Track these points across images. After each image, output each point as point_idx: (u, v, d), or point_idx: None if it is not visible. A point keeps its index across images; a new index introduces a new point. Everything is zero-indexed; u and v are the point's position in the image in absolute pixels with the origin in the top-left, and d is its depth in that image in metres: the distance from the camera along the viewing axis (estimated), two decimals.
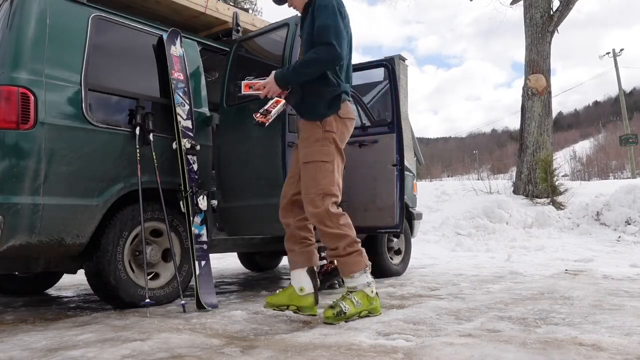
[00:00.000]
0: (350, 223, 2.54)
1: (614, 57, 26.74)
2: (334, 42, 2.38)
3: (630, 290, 3.59)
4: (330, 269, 3.84)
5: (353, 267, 2.52)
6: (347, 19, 2.52)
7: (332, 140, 2.48)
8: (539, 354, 1.84)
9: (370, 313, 2.53)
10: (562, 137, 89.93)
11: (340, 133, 2.52)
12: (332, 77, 2.50)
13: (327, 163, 2.48)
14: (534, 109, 10.55)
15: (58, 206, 2.56)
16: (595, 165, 72.27)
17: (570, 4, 10.72)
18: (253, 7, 21.79)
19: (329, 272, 3.81)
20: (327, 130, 2.48)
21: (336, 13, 2.44)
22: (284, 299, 2.55)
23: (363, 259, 2.55)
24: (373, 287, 2.55)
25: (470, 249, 7.35)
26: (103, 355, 1.85)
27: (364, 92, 4.59)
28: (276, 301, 2.57)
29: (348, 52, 2.56)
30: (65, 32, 2.74)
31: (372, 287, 2.55)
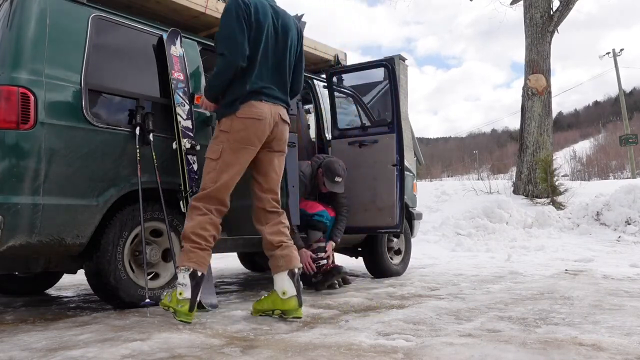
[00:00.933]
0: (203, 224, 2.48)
1: (614, 57, 26.75)
2: (224, 52, 2.50)
3: (630, 290, 3.59)
4: (329, 268, 3.84)
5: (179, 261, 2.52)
6: (254, 16, 2.55)
7: (222, 140, 2.55)
8: (539, 354, 1.84)
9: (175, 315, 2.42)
10: (562, 137, 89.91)
11: (237, 132, 2.53)
12: (237, 81, 2.56)
13: (213, 161, 2.56)
14: (534, 109, 10.55)
15: (58, 206, 2.55)
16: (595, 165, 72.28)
17: (570, 4, 10.72)
18: None
19: (328, 271, 3.81)
20: (220, 129, 2.59)
21: (231, 18, 2.51)
22: (268, 304, 2.58)
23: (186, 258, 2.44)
24: (183, 291, 2.39)
25: (470, 249, 7.35)
26: (103, 355, 1.85)
27: (364, 92, 4.59)
28: (261, 307, 2.61)
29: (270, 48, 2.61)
30: (65, 32, 2.73)
31: (182, 290, 2.39)
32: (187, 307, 2.38)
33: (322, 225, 3.86)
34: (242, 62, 2.51)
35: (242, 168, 2.60)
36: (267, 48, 2.62)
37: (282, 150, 2.73)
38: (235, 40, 2.49)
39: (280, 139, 2.69)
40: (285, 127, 2.70)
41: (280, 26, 2.67)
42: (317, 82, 4.63)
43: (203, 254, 2.47)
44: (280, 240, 2.62)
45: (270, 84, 2.63)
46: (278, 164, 2.72)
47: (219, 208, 2.56)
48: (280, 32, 2.67)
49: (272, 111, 2.60)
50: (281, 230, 2.65)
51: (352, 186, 4.10)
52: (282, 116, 2.66)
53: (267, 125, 2.58)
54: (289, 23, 2.72)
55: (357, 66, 4.57)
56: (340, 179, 3.86)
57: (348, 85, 4.66)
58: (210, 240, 2.51)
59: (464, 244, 7.56)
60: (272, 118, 2.60)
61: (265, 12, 2.61)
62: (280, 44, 2.67)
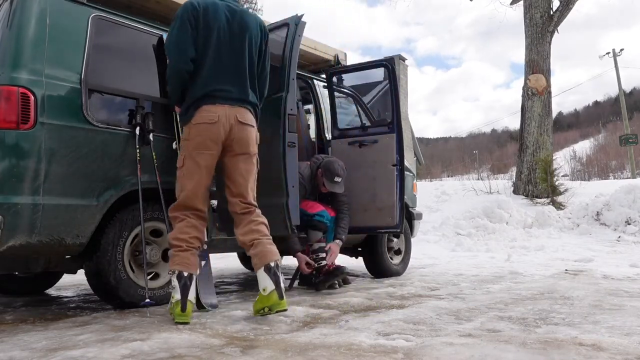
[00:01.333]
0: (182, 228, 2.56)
1: (614, 57, 26.76)
2: (169, 59, 2.60)
3: (630, 290, 3.59)
4: (332, 269, 3.84)
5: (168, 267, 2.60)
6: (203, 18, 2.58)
7: (184, 148, 2.63)
8: (539, 354, 1.84)
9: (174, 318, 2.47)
10: (562, 137, 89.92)
11: (193, 139, 2.58)
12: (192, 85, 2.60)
13: (178, 169, 2.65)
14: (534, 109, 10.54)
15: (58, 206, 2.55)
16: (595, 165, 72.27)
17: (570, 4, 10.72)
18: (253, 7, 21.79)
19: (331, 272, 3.81)
20: (182, 138, 2.67)
21: (177, 23, 2.57)
22: (258, 303, 2.58)
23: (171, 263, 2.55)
24: (174, 293, 2.48)
25: (470, 249, 7.35)
26: (103, 355, 1.85)
27: (364, 92, 4.59)
28: (255, 308, 2.61)
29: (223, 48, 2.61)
30: (65, 32, 2.73)
31: (174, 293, 2.49)
32: (179, 307, 2.43)
33: (323, 225, 3.86)
34: (185, 66, 2.56)
35: (206, 173, 2.61)
36: (220, 49, 2.61)
37: (246, 153, 2.67)
38: (178, 46, 2.56)
39: (240, 141, 2.63)
40: (244, 128, 2.64)
41: (237, 25, 2.66)
42: (317, 82, 4.63)
43: (186, 254, 2.52)
44: (251, 239, 2.61)
45: (226, 85, 2.62)
46: (245, 167, 2.67)
47: (195, 213, 2.62)
48: (236, 31, 2.65)
49: (227, 113, 2.59)
50: (252, 228, 2.63)
51: (352, 186, 4.10)
52: (238, 118, 2.62)
53: (220, 128, 2.57)
54: (248, 21, 2.70)
55: (357, 66, 4.57)
56: (339, 179, 3.86)
57: (348, 85, 4.66)
58: (192, 241, 2.56)
59: (464, 244, 7.56)
60: (227, 120, 2.58)
61: (216, 12, 2.61)
62: (236, 43, 2.65)
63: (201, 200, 2.63)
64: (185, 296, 2.45)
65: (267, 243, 2.61)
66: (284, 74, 3.23)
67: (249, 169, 2.70)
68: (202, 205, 2.64)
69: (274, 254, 2.58)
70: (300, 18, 3.33)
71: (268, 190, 3.23)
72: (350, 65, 4.73)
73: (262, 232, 2.63)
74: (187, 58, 2.56)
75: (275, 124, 3.19)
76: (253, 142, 2.71)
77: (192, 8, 2.58)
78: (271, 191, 3.20)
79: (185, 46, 2.56)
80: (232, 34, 2.65)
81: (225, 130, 2.59)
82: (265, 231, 2.65)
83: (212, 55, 2.61)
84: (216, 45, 2.61)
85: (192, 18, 2.57)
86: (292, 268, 6.02)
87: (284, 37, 3.35)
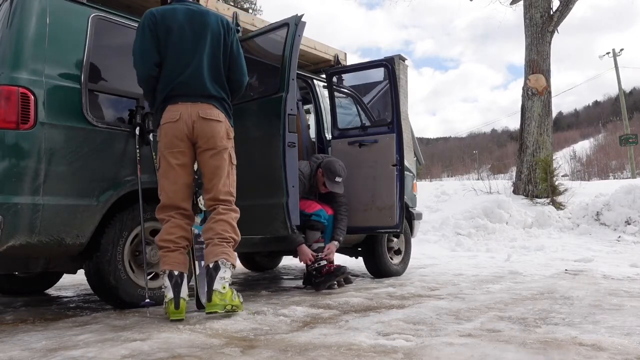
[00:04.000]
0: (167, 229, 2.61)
1: (614, 57, 26.77)
2: (135, 67, 2.66)
3: (630, 290, 3.59)
4: (332, 269, 3.84)
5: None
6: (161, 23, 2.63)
7: (158, 150, 2.69)
8: (539, 354, 1.84)
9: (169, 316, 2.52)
10: (562, 137, 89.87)
11: (162, 140, 2.65)
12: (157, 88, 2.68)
13: (157, 171, 2.73)
14: (534, 109, 10.54)
15: (58, 206, 2.55)
16: (595, 165, 72.23)
17: (570, 4, 10.72)
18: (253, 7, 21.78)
19: (332, 272, 3.81)
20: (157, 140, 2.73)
21: (138, 33, 2.66)
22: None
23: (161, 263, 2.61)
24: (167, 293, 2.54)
25: (470, 249, 7.35)
26: (103, 355, 1.85)
27: (364, 92, 4.59)
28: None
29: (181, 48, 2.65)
30: (65, 31, 2.74)
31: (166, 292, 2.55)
32: (173, 305, 2.48)
33: (320, 225, 3.87)
34: (151, 72, 2.65)
35: (181, 172, 2.64)
36: (179, 49, 2.65)
37: (213, 148, 2.65)
38: (142, 54, 2.63)
39: (204, 136, 2.63)
40: (207, 124, 2.63)
41: (197, 24, 2.68)
42: (317, 82, 4.63)
43: (174, 254, 2.58)
44: (206, 237, 2.64)
45: (189, 80, 2.64)
46: (213, 162, 2.66)
47: (179, 212, 2.64)
48: (197, 30, 2.67)
49: (188, 110, 2.62)
50: (210, 226, 2.64)
51: (352, 186, 4.10)
52: (200, 114, 2.62)
53: (183, 125, 2.60)
54: (208, 21, 2.71)
55: (357, 66, 4.57)
56: (340, 179, 3.87)
57: (348, 85, 4.66)
58: (179, 241, 2.60)
59: (463, 244, 7.56)
60: (188, 117, 2.61)
61: (174, 15, 2.67)
62: (196, 42, 2.67)
63: (182, 198, 2.66)
64: (178, 294, 2.49)
65: (214, 243, 2.59)
66: (284, 74, 3.23)
67: (217, 165, 2.68)
68: (184, 203, 2.66)
69: (215, 254, 2.56)
70: (300, 18, 3.33)
71: (268, 190, 3.23)
72: (350, 65, 4.73)
73: (215, 231, 2.61)
74: (152, 64, 2.63)
75: (275, 124, 3.20)
76: (220, 137, 2.67)
77: (151, 15, 2.67)
78: (271, 191, 3.20)
79: (148, 53, 2.63)
80: (192, 32, 2.67)
81: (188, 127, 2.61)
82: (218, 229, 2.62)
83: (172, 56, 2.65)
84: (175, 46, 2.65)
85: (152, 24, 2.64)
86: (292, 268, 6.02)
87: (284, 37, 3.35)
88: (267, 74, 3.55)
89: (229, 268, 2.56)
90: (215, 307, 2.48)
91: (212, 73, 2.70)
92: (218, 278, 2.50)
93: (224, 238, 2.60)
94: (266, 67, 3.55)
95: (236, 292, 2.66)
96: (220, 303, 2.49)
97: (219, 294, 2.49)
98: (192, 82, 2.65)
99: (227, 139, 2.73)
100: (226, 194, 2.70)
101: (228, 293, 2.54)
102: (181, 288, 2.52)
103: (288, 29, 3.34)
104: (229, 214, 2.68)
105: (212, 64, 2.70)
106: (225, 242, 2.60)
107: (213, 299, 2.48)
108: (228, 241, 2.62)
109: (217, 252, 2.56)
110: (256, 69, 3.68)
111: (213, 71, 2.71)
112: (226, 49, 2.77)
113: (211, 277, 2.51)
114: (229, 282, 2.57)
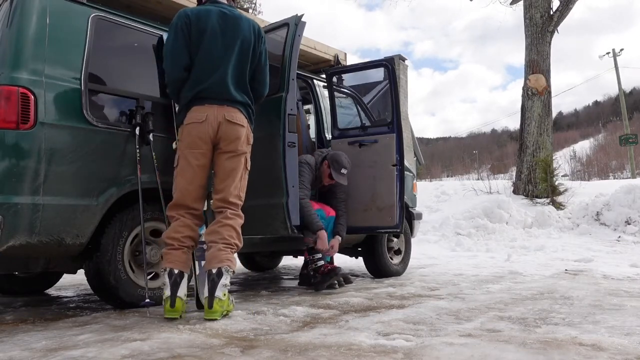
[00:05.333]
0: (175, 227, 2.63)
1: (614, 57, 26.78)
2: (165, 69, 2.73)
3: (630, 290, 3.59)
4: (327, 269, 3.84)
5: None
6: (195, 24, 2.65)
7: (179, 148, 2.72)
8: (539, 354, 1.84)
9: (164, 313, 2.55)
10: (562, 137, 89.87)
11: (185, 139, 2.68)
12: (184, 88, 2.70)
13: (174, 169, 2.75)
14: (534, 109, 10.54)
15: (58, 206, 2.55)
16: (595, 165, 72.22)
17: (570, 4, 10.72)
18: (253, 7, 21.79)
19: (327, 272, 3.80)
20: (178, 140, 2.77)
21: (171, 33, 2.69)
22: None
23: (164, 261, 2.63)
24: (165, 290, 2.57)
25: (470, 249, 7.35)
26: (103, 355, 1.85)
27: (364, 92, 4.59)
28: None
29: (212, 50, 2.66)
30: (65, 31, 2.73)
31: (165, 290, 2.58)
32: (169, 303, 2.50)
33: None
34: (180, 74, 2.67)
35: (198, 172, 2.65)
36: (210, 51, 2.66)
37: (233, 151, 2.68)
38: (172, 55, 2.66)
39: (227, 139, 2.65)
40: (232, 127, 2.65)
41: (229, 29, 2.70)
42: (317, 82, 4.63)
43: (177, 253, 2.59)
44: (210, 240, 2.64)
45: (214, 85, 2.65)
46: (229, 165, 2.68)
47: (189, 212, 2.66)
48: (228, 34, 2.69)
49: (215, 113, 2.63)
50: (215, 229, 2.64)
51: (352, 186, 4.10)
52: (226, 116, 2.64)
53: (209, 127, 2.62)
54: (241, 25, 2.73)
55: (357, 66, 4.56)
56: (345, 170, 3.96)
57: (348, 85, 4.65)
58: (184, 240, 2.61)
59: (463, 244, 7.55)
60: (214, 119, 2.62)
61: (208, 17, 2.68)
62: (226, 46, 2.68)
63: (194, 198, 2.67)
64: (175, 292, 2.51)
65: (218, 248, 2.59)
66: (284, 74, 3.23)
67: (233, 167, 2.69)
68: (196, 203, 2.68)
69: (220, 260, 2.55)
70: (300, 18, 3.33)
71: (268, 190, 3.23)
72: (350, 65, 4.73)
73: (221, 235, 2.61)
74: (181, 67, 2.66)
75: (275, 124, 3.20)
76: (241, 141, 2.70)
77: (185, 16, 2.67)
78: (271, 191, 3.20)
79: (179, 56, 2.65)
80: (223, 37, 2.68)
81: (213, 129, 2.62)
82: (225, 234, 2.62)
83: (203, 57, 2.66)
84: (206, 48, 2.66)
85: (185, 25, 2.65)
86: (292, 268, 6.02)
87: (283, 37, 3.35)
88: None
89: (230, 274, 2.58)
90: (214, 314, 2.49)
91: (236, 81, 2.72)
92: (220, 285, 2.51)
93: (229, 244, 2.61)
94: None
95: (232, 298, 2.70)
96: (220, 310, 2.51)
97: (219, 301, 2.50)
98: (217, 88, 2.67)
99: (247, 144, 2.76)
100: (236, 197, 2.71)
101: (227, 299, 2.56)
102: (179, 287, 2.53)
103: (288, 29, 3.34)
104: (236, 220, 2.69)
105: (237, 73, 2.72)
106: (230, 248, 2.61)
107: (214, 307, 2.48)
108: (232, 247, 2.63)
109: (222, 257, 2.56)
110: None
111: (237, 79, 2.73)
112: (254, 57, 2.80)
113: (214, 283, 2.51)
114: (228, 288, 2.59)
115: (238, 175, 2.71)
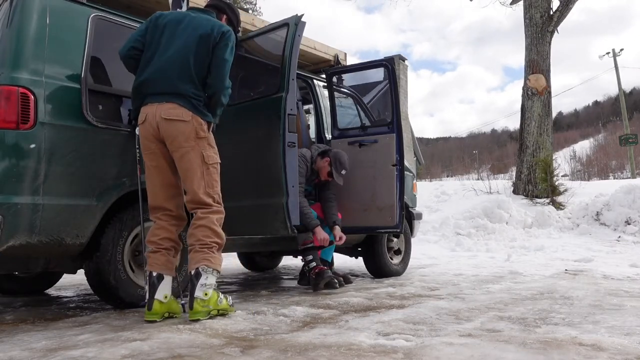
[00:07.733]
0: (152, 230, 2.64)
1: (614, 58, 26.79)
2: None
3: (630, 290, 3.59)
4: (316, 272, 3.82)
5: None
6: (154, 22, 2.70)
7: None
8: (539, 354, 1.84)
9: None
10: (562, 137, 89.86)
11: (140, 142, 2.68)
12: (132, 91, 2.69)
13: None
14: (534, 109, 10.54)
15: (58, 206, 2.55)
16: (595, 165, 72.16)
17: (570, 4, 10.72)
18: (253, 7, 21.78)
19: (318, 273, 3.79)
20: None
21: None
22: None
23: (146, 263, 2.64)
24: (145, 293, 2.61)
25: (470, 249, 7.35)
26: (103, 355, 1.85)
27: (364, 92, 4.59)
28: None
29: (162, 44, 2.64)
30: (65, 31, 2.73)
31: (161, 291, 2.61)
32: (147, 306, 2.51)
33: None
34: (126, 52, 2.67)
35: (155, 173, 2.64)
36: (160, 45, 2.65)
37: (178, 149, 2.58)
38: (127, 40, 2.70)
39: (169, 137, 2.57)
40: (170, 124, 2.55)
41: (185, 24, 2.67)
42: (317, 82, 4.63)
43: (155, 255, 2.59)
44: (189, 243, 2.62)
45: (151, 75, 2.60)
46: (182, 164, 2.60)
47: (165, 213, 2.65)
48: (180, 28, 2.66)
49: (153, 112, 2.58)
50: (191, 232, 2.61)
51: (352, 186, 4.11)
52: (162, 115, 2.55)
53: (149, 127, 2.59)
54: (200, 22, 2.68)
55: (357, 66, 4.57)
56: (345, 172, 3.98)
57: (348, 85, 4.66)
58: (162, 242, 2.61)
59: (463, 244, 7.55)
60: (153, 119, 2.58)
61: (169, 15, 2.71)
62: (173, 37, 2.64)
63: (164, 198, 2.65)
64: (152, 295, 2.52)
65: (195, 250, 2.58)
66: (284, 74, 3.23)
67: (187, 167, 2.59)
68: (167, 203, 2.65)
69: (197, 261, 2.55)
70: (300, 18, 3.33)
71: (268, 190, 3.23)
72: (350, 65, 4.73)
73: (196, 237, 2.59)
74: (129, 46, 2.66)
75: (275, 124, 3.20)
76: (185, 137, 2.57)
77: (155, 15, 2.74)
78: (271, 191, 3.20)
79: (130, 38, 2.69)
80: (176, 30, 2.66)
81: (153, 129, 2.59)
82: (199, 235, 2.58)
83: (152, 50, 2.65)
84: (157, 42, 2.65)
85: (149, 22, 2.71)
86: (292, 268, 6.02)
87: (284, 37, 3.35)
88: (267, 74, 3.55)
89: (211, 274, 2.54)
90: (197, 315, 2.49)
91: (181, 71, 2.60)
92: (199, 285, 2.50)
93: (204, 244, 2.57)
94: (266, 67, 3.55)
95: (224, 296, 2.65)
96: (203, 310, 2.49)
97: (200, 301, 2.49)
98: (158, 75, 2.60)
99: (197, 138, 2.60)
100: (204, 194, 2.62)
101: (212, 298, 2.53)
102: (157, 289, 2.53)
103: (288, 29, 3.34)
104: (208, 218, 2.61)
105: (184, 60, 2.61)
106: (207, 247, 2.57)
107: (195, 307, 2.49)
108: (210, 247, 2.58)
109: (198, 258, 2.55)
110: (256, 69, 3.68)
111: (184, 67, 2.61)
112: (208, 51, 2.65)
113: (192, 284, 2.51)
114: (213, 287, 2.55)
115: (197, 173, 2.59)
